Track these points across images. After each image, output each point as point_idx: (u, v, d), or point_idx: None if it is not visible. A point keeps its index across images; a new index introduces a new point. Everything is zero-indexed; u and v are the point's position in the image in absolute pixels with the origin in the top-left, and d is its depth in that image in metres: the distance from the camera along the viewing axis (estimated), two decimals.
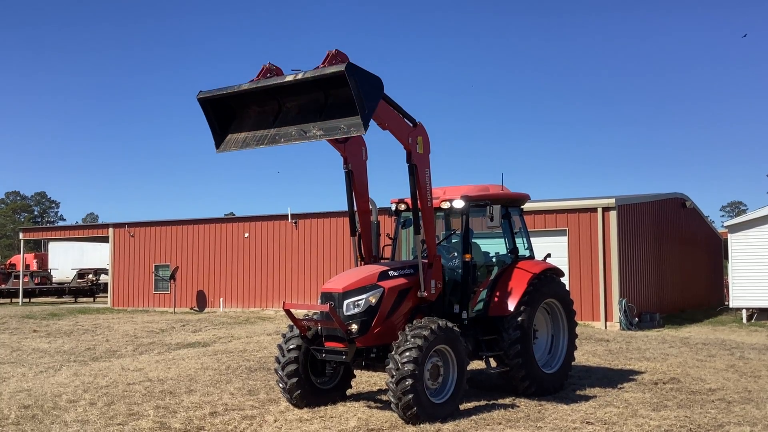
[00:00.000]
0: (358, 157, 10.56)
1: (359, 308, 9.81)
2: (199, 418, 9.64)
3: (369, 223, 10.95)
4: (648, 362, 14.67)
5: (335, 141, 10.20)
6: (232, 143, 9.51)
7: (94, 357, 16.35)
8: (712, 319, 26.02)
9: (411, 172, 9.86)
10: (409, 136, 9.77)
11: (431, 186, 10.17)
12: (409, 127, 9.82)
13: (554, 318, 12.11)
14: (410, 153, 9.78)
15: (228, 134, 9.56)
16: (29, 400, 10.98)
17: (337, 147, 10.28)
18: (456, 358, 9.81)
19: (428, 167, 10.08)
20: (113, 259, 34.70)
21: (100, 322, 26.00)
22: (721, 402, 10.68)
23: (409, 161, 9.81)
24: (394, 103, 9.58)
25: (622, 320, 22.45)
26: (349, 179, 10.52)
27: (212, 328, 22.98)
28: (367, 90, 8.39)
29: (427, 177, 10.05)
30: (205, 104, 9.42)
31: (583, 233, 23.32)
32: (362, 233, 10.90)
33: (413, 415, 9.14)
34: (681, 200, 30.05)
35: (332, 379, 10.77)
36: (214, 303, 31.40)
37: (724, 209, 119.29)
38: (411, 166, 9.83)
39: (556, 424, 9.29)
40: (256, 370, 13.85)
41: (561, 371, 11.77)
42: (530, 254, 12.25)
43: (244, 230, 31.00)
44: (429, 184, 10.10)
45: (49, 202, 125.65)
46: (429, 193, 10.11)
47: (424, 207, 10.07)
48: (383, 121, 9.43)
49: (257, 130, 9.34)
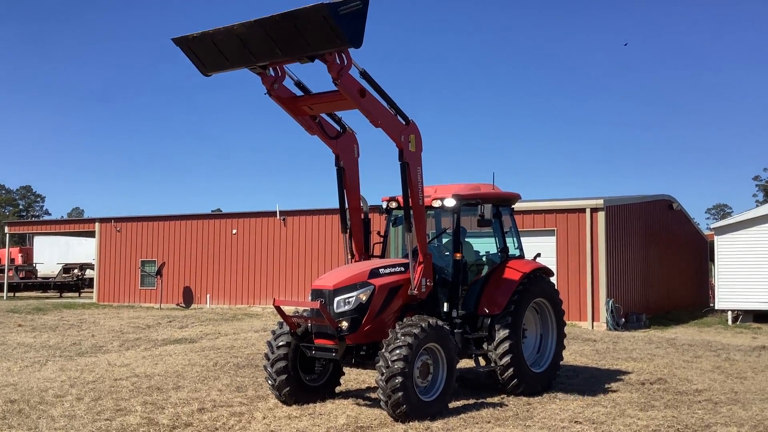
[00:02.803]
0: (350, 154, 10.54)
1: (350, 305, 9.80)
2: (187, 414, 9.59)
3: (360, 220, 10.94)
4: (635, 362, 14.75)
5: (327, 137, 10.18)
6: (218, 66, 9.23)
7: (80, 352, 16.24)
8: (697, 320, 26.19)
9: (403, 170, 9.87)
10: (402, 134, 9.76)
11: (423, 184, 10.17)
12: (401, 125, 9.80)
13: (543, 317, 12.14)
14: (402, 151, 9.78)
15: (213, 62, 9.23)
16: (15, 394, 10.89)
17: (329, 143, 10.25)
18: (446, 357, 9.82)
19: (420, 165, 10.08)
20: (99, 254, 34.48)
21: (85, 317, 25.84)
22: (708, 402, 10.75)
23: (401, 159, 9.81)
24: (388, 98, 9.56)
25: (609, 320, 22.56)
26: (340, 176, 10.50)
27: (199, 325, 22.89)
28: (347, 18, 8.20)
29: (419, 175, 10.05)
30: (183, 45, 9.14)
31: (572, 233, 23.41)
32: (353, 230, 10.89)
33: (402, 412, 9.13)
34: (668, 202, 30.23)
35: (321, 377, 10.74)
36: (200, 299, 31.27)
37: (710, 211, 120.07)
38: (403, 163, 9.83)
39: (544, 423, 9.32)
40: (244, 366, 13.80)
41: (549, 370, 11.81)
42: (520, 254, 12.28)
43: (232, 227, 30.89)
44: (421, 182, 10.10)
45: (35, 196, 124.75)
46: (420, 191, 10.10)
47: (416, 205, 10.06)
48: (376, 118, 9.41)
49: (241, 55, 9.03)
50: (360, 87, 9.13)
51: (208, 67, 9.27)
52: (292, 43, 8.50)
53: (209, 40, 8.85)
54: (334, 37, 8.23)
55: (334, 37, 8.24)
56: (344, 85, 8.92)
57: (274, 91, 9.45)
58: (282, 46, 8.60)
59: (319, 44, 8.46)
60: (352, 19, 8.20)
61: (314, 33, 8.27)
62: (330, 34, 8.20)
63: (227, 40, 8.78)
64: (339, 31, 8.11)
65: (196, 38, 8.90)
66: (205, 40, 8.87)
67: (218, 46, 8.90)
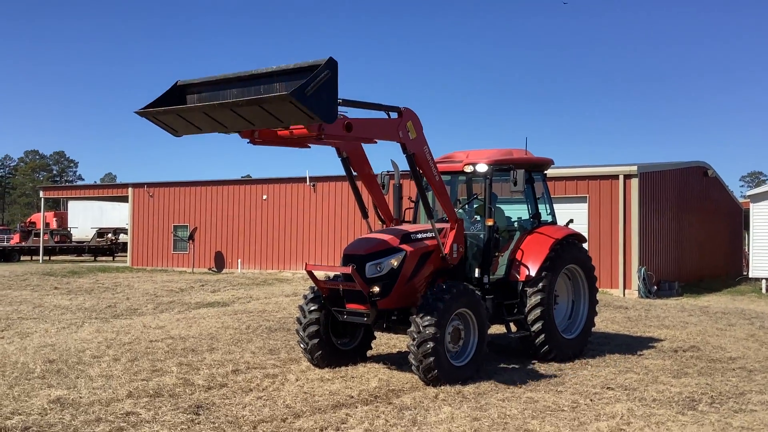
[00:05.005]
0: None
1: (381, 271, 9.80)
2: (222, 375, 9.74)
3: (378, 187, 10.76)
4: (667, 330, 14.64)
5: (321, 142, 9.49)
6: (189, 131, 8.62)
7: (115, 314, 16.54)
8: (730, 288, 25.88)
9: (411, 162, 9.60)
10: (399, 130, 9.31)
11: (433, 160, 9.92)
12: (395, 122, 9.28)
13: (575, 284, 12.07)
14: (405, 144, 9.41)
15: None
16: (54, 354, 11.13)
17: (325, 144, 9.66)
18: (477, 322, 9.83)
19: (425, 144, 9.70)
20: (132, 218, 34.93)
21: (120, 280, 26.27)
22: (742, 370, 10.65)
23: (406, 151, 9.47)
24: (372, 106, 9.09)
25: (641, 288, 22.37)
26: (347, 165, 10.23)
27: (231, 289, 23.16)
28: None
29: (427, 154, 9.74)
30: (147, 116, 8.51)
31: (604, 200, 23.15)
32: (375, 200, 10.78)
33: (434, 377, 9.19)
34: (703, 168, 29.69)
35: (353, 341, 10.83)
36: (232, 264, 31.61)
37: (744, 179, 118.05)
38: (409, 156, 9.53)
39: (576, 388, 9.31)
40: (276, 330, 13.96)
41: (581, 337, 11.77)
42: (553, 220, 12.18)
43: (263, 192, 31.04)
44: (431, 159, 9.83)
45: (68, 162, 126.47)
46: (434, 167, 9.86)
47: (432, 182, 9.93)
48: (370, 137, 9.23)
49: None
50: (342, 126, 8.54)
51: (180, 131, 8.69)
52: (264, 120, 7.99)
53: (174, 113, 8.31)
54: (306, 117, 7.68)
55: (306, 118, 7.71)
56: (328, 137, 8.65)
57: (255, 139, 8.99)
58: (254, 121, 8.10)
59: (293, 121, 8.01)
60: (323, 93, 7.52)
61: (284, 114, 7.74)
62: (301, 115, 7.63)
63: (194, 114, 8.25)
64: (310, 112, 7.53)
65: (159, 112, 8.36)
66: (170, 113, 8.33)
67: (185, 119, 8.33)
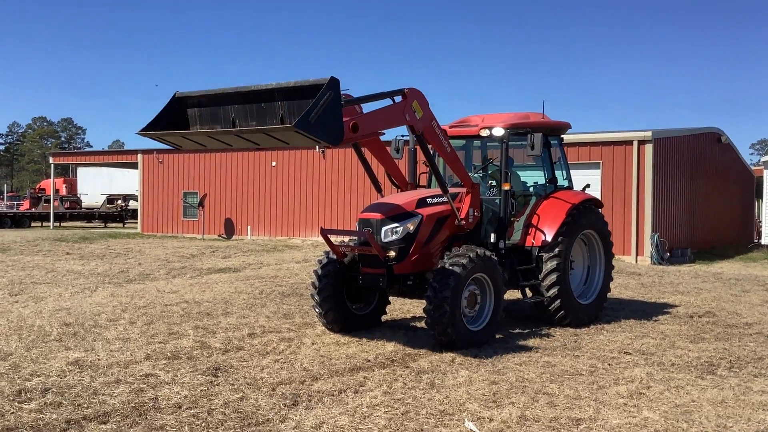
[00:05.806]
0: None
1: (397, 235, 9.73)
2: (238, 338, 9.75)
3: (388, 155, 10.60)
4: (682, 296, 14.58)
5: None
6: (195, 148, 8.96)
7: (128, 279, 16.58)
8: (742, 255, 25.76)
9: (421, 141, 9.42)
10: (405, 113, 9.05)
11: (443, 132, 9.71)
12: (400, 108, 9.03)
13: (591, 249, 12.00)
14: (413, 126, 9.19)
15: None
16: (69, 318, 11.16)
17: None
18: (493, 287, 9.77)
19: (433, 119, 9.46)
20: (142, 185, 34.94)
21: (131, 246, 26.35)
22: (759, 336, 10.60)
23: (415, 132, 9.28)
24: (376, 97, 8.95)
25: (654, 255, 22.29)
26: (357, 148, 10.06)
27: (242, 255, 23.19)
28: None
29: (436, 128, 9.52)
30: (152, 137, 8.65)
31: (618, 166, 22.98)
32: (386, 167, 10.65)
33: (450, 341, 9.17)
34: (717, 135, 29.38)
35: (368, 305, 10.79)
36: (241, 231, 31.64)
37: (754, 146, 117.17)
38: (418, 136, 9.33)
39: (593, 353, 9.28)
40: (289, 295, 13.96)
41: (596, 302, 11.73)
42: (569, 185, 12.06)
43: (272, 159, 30.94)
44: (440, 132, 9.62)
45: (76, 128, 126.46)
46: (444, 140, 9.67)
47: (444, 155, 9.76)
48: (379, 129, 8.99)
49: None
50: (349, 128, 8.22)
51: (184, 147, 8.79)
52: (270, 143, 8.08)
53: (179, 136, 8.38)
54: (312, 142, 7.63)
55: (312, 142, 7.69)
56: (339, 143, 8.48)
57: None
58: (260, 143, 8.22)
59: (299, 145, 8.07)
60: (327, 116, 7.35)
61: (290, 139, 7.80)
62: (307, 140, 7.59)
63: (200, 137, 8.32)
64: (316, 138, 7.44)
65: (164, 134, 8.39)
66: (175, 135, 8.40)
67: (191, 140, 8.43)
